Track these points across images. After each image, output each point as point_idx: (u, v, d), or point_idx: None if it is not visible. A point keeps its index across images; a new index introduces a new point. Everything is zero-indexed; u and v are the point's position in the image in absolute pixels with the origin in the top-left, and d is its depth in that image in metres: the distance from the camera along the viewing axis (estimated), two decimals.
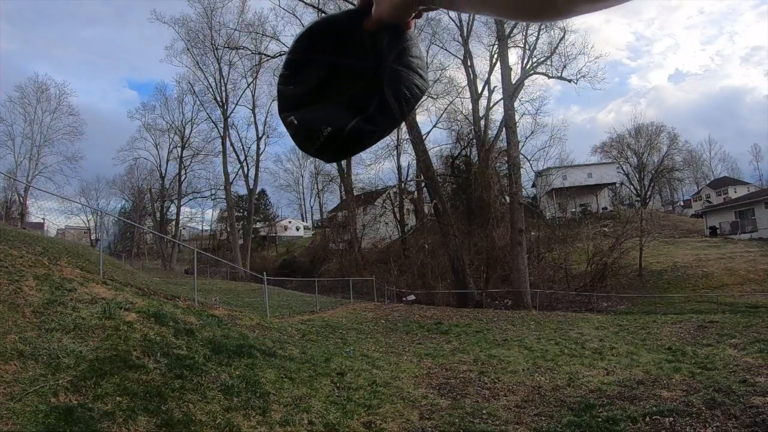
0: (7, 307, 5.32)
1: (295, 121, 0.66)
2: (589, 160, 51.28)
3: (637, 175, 53.28)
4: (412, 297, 24.41)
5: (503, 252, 25.72)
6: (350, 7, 0.67)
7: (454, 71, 48.08)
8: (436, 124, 35.31)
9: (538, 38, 25.47)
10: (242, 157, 40.94)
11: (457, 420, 5.24)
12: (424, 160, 24.16)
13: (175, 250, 43.88)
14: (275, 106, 0.77)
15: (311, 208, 66.44)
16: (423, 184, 31.83)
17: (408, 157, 35.42)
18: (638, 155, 52.67)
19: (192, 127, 43.30)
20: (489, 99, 29.20)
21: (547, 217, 39.04)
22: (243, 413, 4.70)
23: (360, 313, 14.65)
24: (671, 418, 4.96)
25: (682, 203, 62.28)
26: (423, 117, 40.76)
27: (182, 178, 43.68)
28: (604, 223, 36.93)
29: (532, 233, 28.82)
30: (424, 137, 26.30)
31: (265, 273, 12.98)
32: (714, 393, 5.66)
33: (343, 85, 0.66)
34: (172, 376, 5.01)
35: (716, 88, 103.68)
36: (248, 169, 41.12)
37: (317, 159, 0.74)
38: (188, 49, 37.31)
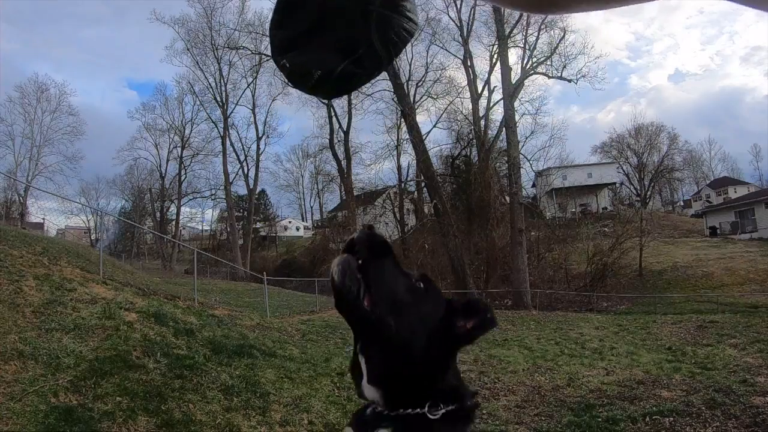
0: (7, 307, 5.31)
1: (288, 64, 0.67)
2: (589, 160, 51.30)
3: (637, 175, 53.25)
4: None
5: (503, 252, 25.73)
6: None
7: (454, 71, 47.97)
8: (436, 124, 35.22)
9: (538, 38, 25.53)
10: (242, 157, 40.99)
11: None
12: (424, 160, 24.19)
13: (175, 250, 43.82)
14: (275, 106, 0.75)
15: (311, 208, 66.42)
16: (423, 184, 31.85)
17: (408, 157, 35.38)
18: (638, 155, 52.63)
19: (192, 127, 43.23)
20: (489, 99, 29.23)
21: (547, 217, 39.03)
22: (243, 413, 4.70)
23: None
24: (671, 418, 4.96)
25: (682, 203, 62.25)
26: (423, 117, 40.88)
27: (182, 178, 43.67)
28: (604, 223, 36.91)
29: (532, 233, 28.81)
30: (424, 137, 26.34)
31: (265, 273, 13.00)
32: (714, 393, 5.65)
33: (333, 27, 0.66)
34: (172, 376, 5.01)
35: (716, 88, 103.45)
36: (248, 169, 41.16)
37: (315, 97, 0.74)
38: (188, 49, 37.28)
